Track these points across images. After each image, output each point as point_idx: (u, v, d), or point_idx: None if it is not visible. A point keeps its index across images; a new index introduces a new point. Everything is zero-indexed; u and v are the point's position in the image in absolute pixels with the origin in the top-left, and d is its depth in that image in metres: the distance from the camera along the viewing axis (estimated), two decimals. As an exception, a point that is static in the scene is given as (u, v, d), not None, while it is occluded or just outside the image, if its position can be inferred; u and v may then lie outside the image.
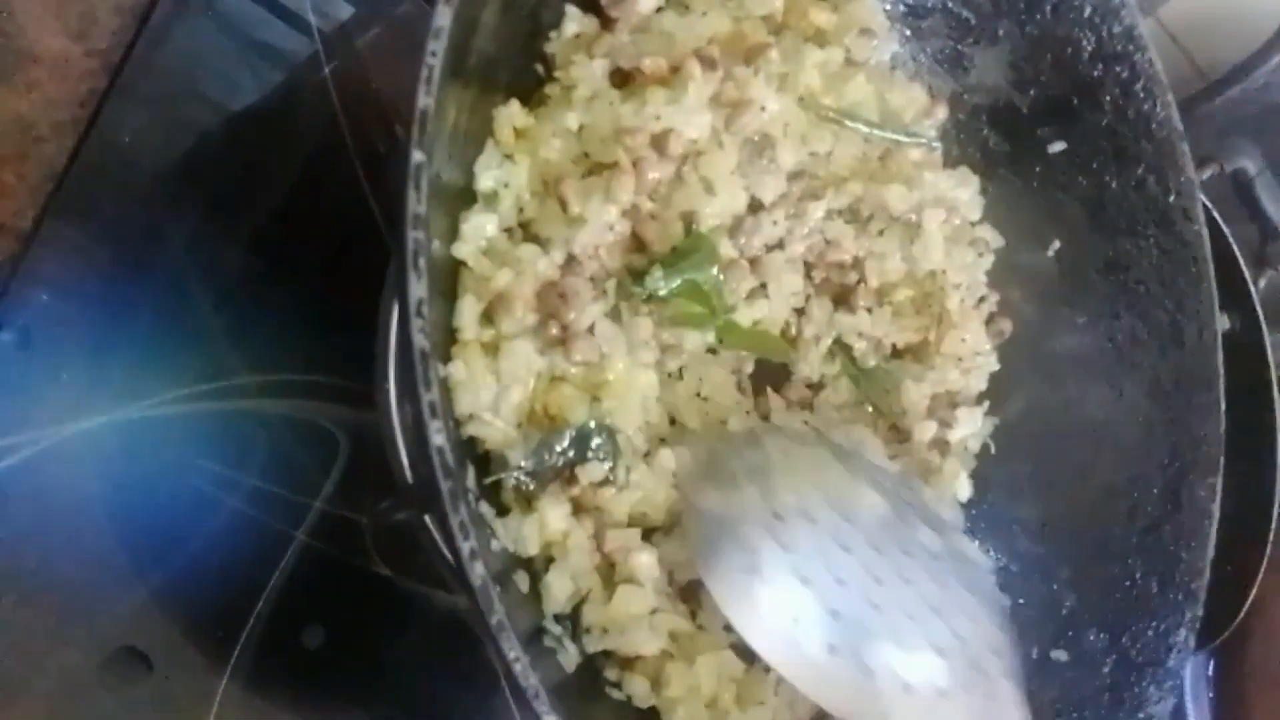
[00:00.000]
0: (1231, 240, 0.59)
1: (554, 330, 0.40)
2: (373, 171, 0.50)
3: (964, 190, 0.55)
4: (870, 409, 0.52)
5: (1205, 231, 0.54)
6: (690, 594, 0.44)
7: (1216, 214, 0.57)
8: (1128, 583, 0.51)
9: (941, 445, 0.53)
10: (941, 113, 0.54)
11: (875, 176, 0.52)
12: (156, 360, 0.49)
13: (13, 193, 0.51)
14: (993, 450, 0.55)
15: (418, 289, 0.28)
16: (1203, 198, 0.52)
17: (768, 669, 0.45)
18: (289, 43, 0.53)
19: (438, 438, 0.28)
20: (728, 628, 0.44)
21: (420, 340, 0.27)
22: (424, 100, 0.28)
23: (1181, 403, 0.54)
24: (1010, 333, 0.55)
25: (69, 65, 0.53)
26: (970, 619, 0.42)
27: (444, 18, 0.30)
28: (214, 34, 0.54)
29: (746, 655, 0.44)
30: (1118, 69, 0.54)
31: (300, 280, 0.55)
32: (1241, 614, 0.53)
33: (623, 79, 0.44)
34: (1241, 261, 0.57)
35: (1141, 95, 0.54)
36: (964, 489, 0.53)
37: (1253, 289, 0.55)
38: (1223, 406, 0.53)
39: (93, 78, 0.54)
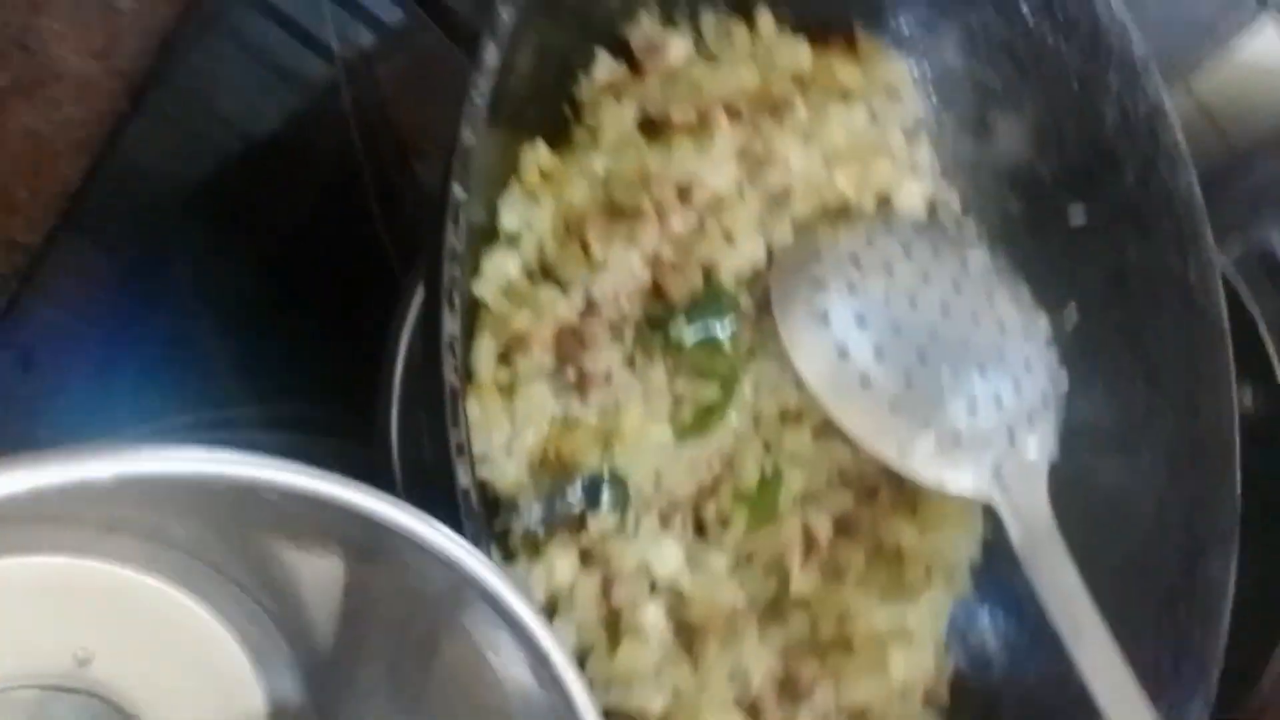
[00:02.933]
0: (1257, 316, 0.58)
1: (571, 374, 0.39)
2: (386, 205, 0.50)
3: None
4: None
5: (1224, 308, 0.53)
6: (693, 645, 0.43)
7: (1244, 286, 0.57)
8: (1142, 660, 0.50)
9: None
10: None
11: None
12: (160, 385, 0.48)
13: (25, 208, 0.51)
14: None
15: (451, 325, 0.27)
16: (1229, 270, 0.52)
17: (770, 735, 0.44)
18: (310, 68, 0.53)
19: (464, 479, 0.27)
20: (731, 676, 0.43)
21: (451, 378, 0.27)
22: (468, 139, 0.28)
23: (1197, 477, 0.53)
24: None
25: (90, 84, 0.53)
26: (1014, 389, 0.49)
27: (493, 57, 0.30)
28: (236, 57, 0.54)
29: (751, 714, 0.43)
30: (1141, 143, 0.54)
31: (308, 311, 0.54)
32: (1253, 699, 0.52)
33: (650, 127, 0.43)
34: (1266, 338, 0.57)
35: (1163, 171, 0.54)
36: (975, 550, 0.53)
37: (1277, 366, 0.55)
38: (1238, 482, 0.52)
39: (113, 98, 0.54)
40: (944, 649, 0.52)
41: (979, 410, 0.48)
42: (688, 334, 0.43)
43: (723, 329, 0.44)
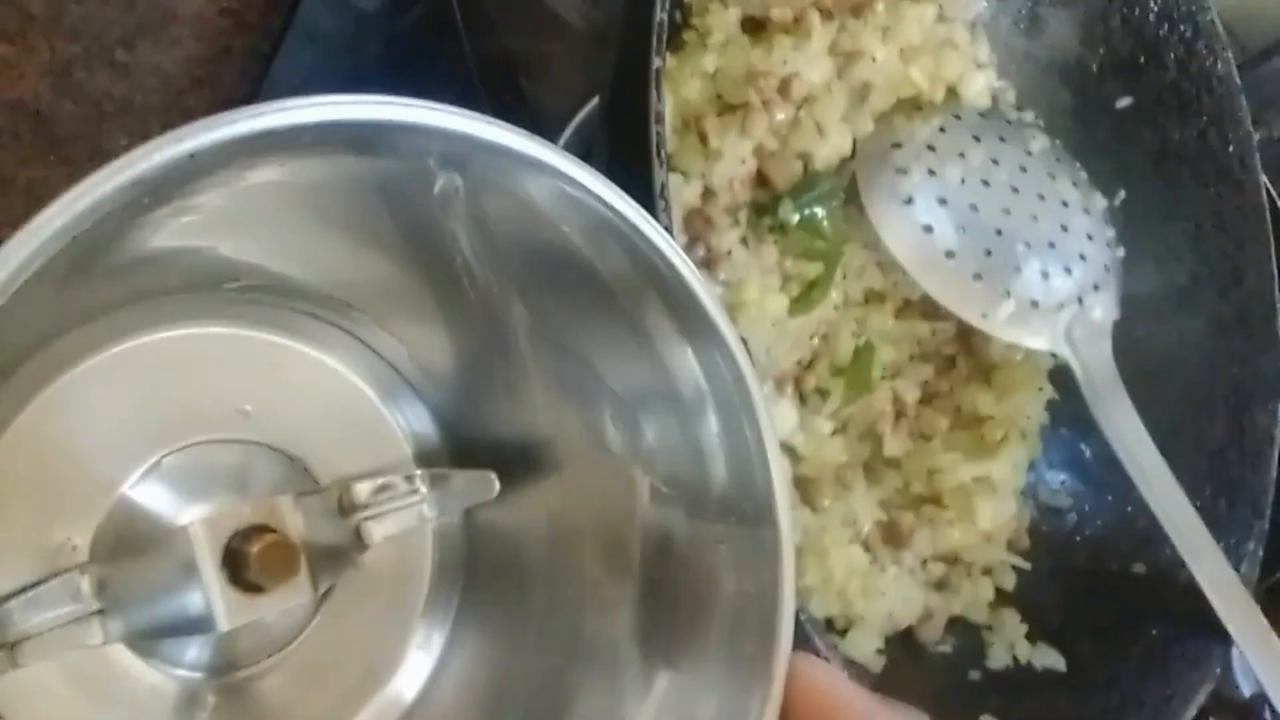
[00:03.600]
0: (1278, 199, 0.63)
1: (701, 252, 0.44)
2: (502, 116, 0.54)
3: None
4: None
5: (1262, 179, 0.58)
6: (809, 497, 0.49)
7: (1263, 177, 0.62)
8: (1198, 503, 0.55)
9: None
10: None
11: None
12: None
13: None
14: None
15: (660, 175, 0.32)
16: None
17: (883, 568, 0.49)
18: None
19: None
20: (845, 524, 0.49)
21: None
22: (660, 14, 0.32)
23: (1242, 338, 0.58)
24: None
25: (205, 23, 0.57)
26: (1080, 259, 0.55)
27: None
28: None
29: (868, 548, 0.48)
30: (1182, 28, 0.58)
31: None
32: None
33: (751, 26, 0.48)
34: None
35: (1204, 53, 0.58)
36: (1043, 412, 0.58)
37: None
38: (1280, 339, 0.57)
39: (226, 36, 0.57)
40: (1022, 501, 0.58)
41: (1051, 278, 0.52)
42: (793, 215, 0.47)
43: (821, 211, 0.48)
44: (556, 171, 0.30)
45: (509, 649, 0.39)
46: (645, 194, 0.30)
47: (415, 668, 0.40)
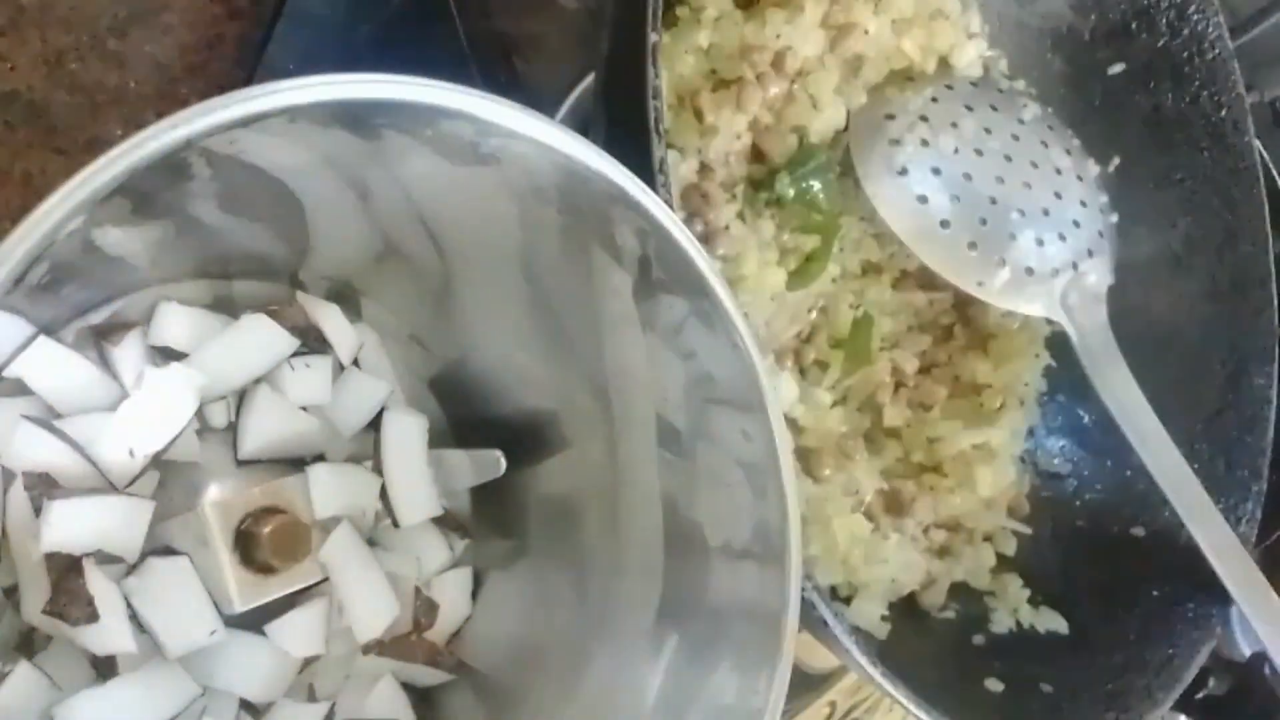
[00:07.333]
0: (1272, 166, 0.63)
1: (699, 227, 0.44)
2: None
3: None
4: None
5: (1255, 142, 0.58)
6: (810, 468, 0.49)
7: (1256, 140, 0.62)
8: (1196, 465, 0.55)
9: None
10: None
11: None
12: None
13: (153, 131, 0.55)
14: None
15: (660, 150, 0.32)
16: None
17: (885, 536, 0.50)
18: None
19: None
20: (847, 493, 0.49)
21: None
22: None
23: (1237, 300, 0.59)
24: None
25: (197, 11, 0.57)
26: (1073, 225, 0.55)
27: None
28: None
29: (870, 517, 0.49)
30: (1173, -7, 0.58)
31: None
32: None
33: (745, 2, 0.48)
34: (1281, 182, 0.62)
35: (1195, 17, 0.58)
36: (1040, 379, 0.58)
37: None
38: (1275, 302, 0.58)
39: (217, 23, 0.57)
40: (1022, 468, 0.58)
41: (1046, 245, 0.53)
42: (789, 189, 0.47)
43: (817, 184, 0.49)
44: (555, 148, 0.30)
45: (526, 614, 0.39)
46: (643, 170, 0.30)
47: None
